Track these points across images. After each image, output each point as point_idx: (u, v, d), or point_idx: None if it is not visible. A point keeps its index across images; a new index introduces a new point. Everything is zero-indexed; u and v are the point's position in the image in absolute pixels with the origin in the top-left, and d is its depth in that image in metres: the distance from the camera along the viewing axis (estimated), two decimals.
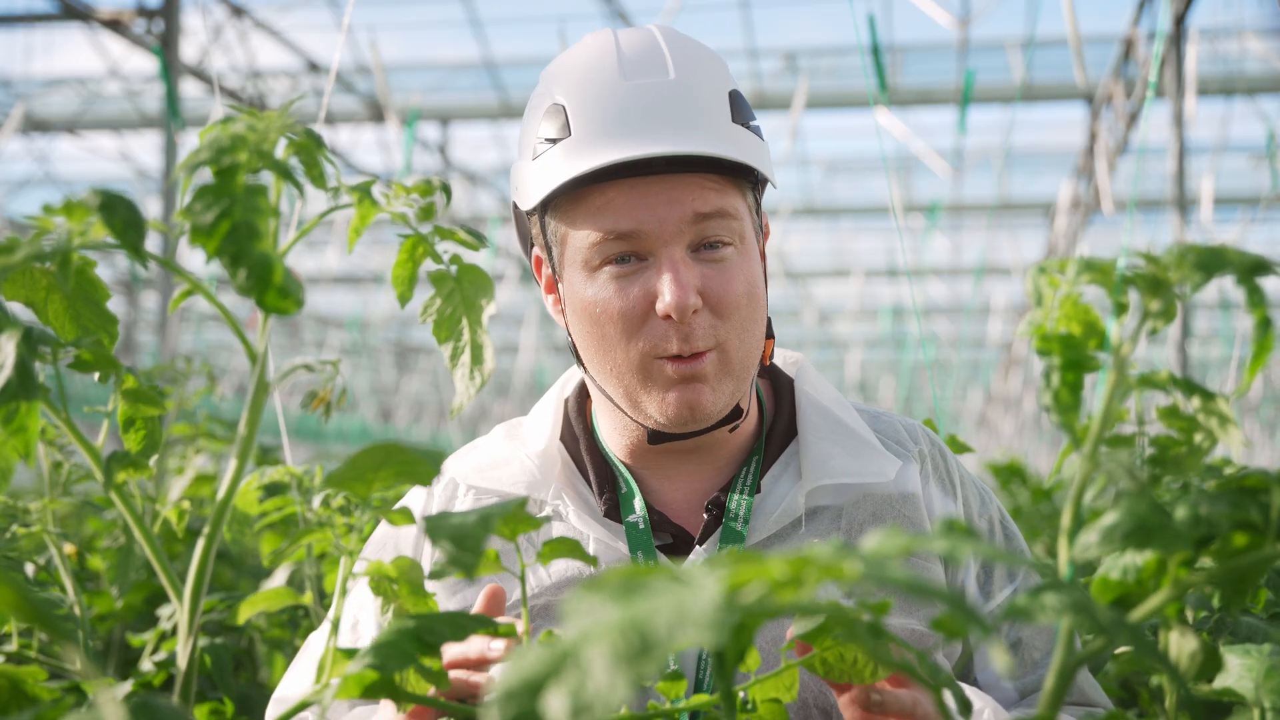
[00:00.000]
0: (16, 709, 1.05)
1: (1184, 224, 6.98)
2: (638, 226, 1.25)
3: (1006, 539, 1.42)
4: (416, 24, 13.48)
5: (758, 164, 1.29)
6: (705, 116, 1.27)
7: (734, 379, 1.30)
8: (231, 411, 8.45)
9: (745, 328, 1.29)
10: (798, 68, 11.57)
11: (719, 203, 1.27)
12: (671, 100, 1.26)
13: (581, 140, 1.26)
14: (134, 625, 2.36)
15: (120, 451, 0.91)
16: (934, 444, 1.43)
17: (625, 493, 1.36)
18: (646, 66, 1.28)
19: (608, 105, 1.26)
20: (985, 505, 1.43)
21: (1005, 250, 16.45)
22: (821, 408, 1.39)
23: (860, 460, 1.34)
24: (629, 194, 1.25)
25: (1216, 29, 9.10)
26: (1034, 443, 20.34)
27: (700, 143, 1.25)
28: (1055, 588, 0.63)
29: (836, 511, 1.33)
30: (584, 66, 1.30)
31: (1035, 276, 0.77)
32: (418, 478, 0.86)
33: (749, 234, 1.32)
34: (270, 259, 0.75)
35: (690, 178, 1.26)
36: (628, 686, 0.46)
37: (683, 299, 1.23)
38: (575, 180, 1.26)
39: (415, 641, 0.82)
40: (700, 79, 1.29)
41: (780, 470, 1.37)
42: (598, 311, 1.28)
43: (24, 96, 11.58)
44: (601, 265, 1.28)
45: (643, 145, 1.23)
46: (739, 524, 1.32)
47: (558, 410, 1.43)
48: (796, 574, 0.54)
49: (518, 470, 1.36)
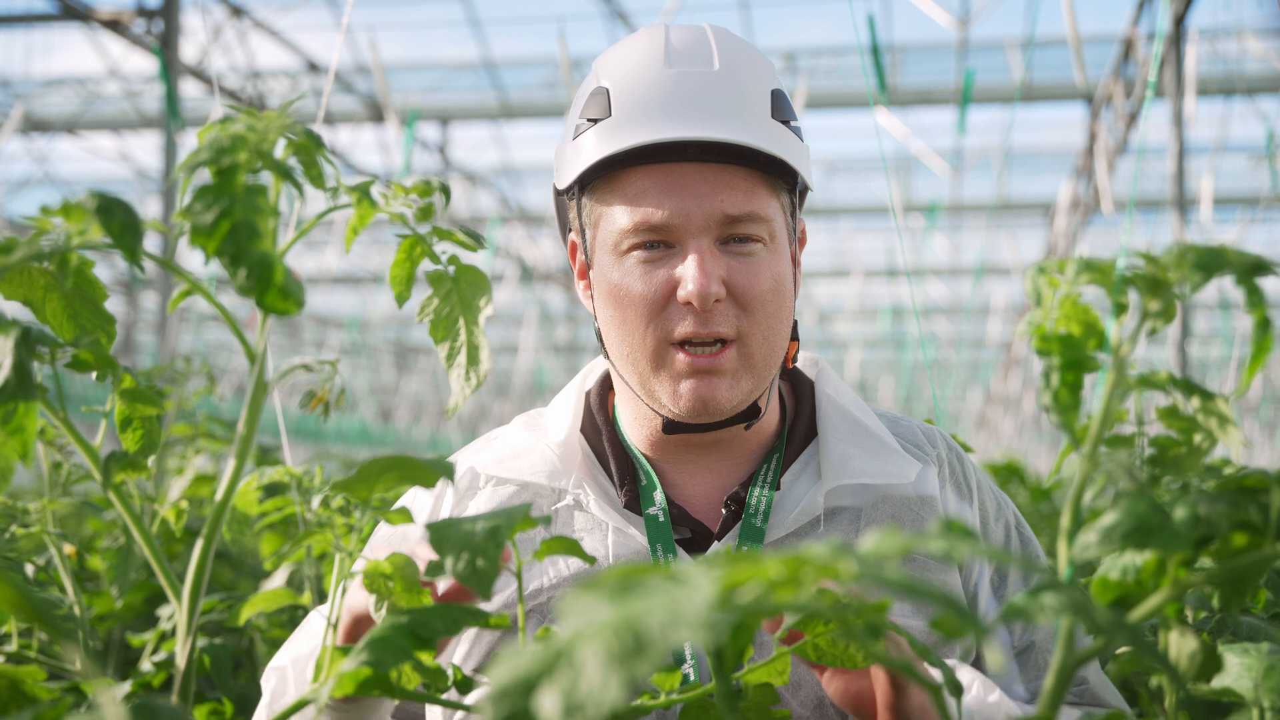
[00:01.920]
0: (16, 709, 1.05)
1: (1183, 224, 6.98)
2: (668, 219, 1.26)
3: (1022, 543, 1.42)
4: (416, 24, 13.51)
5: (794, 161, 1.29)
6: (745, 108, 1.27)
7: (754, 375, 1.30)
8: (231, 411, 8.46)
9: (769, 324, 1.29)
10: (797, 68, 11.58)
11: (749, 206, 1.27)
12: (712, 89, 1.27)
13: (620, 121, 1.27)
14: (134, 625, 2.36)
15: (119, 452, 0.90)
16: (952, 449, 1.43)
17: (645, 485, 1.35)
18: (691, 57, 1.30)
19: (649, 89, 1.27)
20: (1001, 510, 1.43)
21: (1005, 250, 16.45)
22: (842, 409, 1.40)
23: (880, 462, 1.34)
24: (663, 183, 1.26)
25: (1216, 29, 9.11)
26: (1033, 443, 20.35)
27: (736, 132, 1.25)
28: (1054, 588, 0.63)
29: (855, 512, 1.34)
30: (631, 54, 1.32)
31: (1035, 276, 0.76)
32: (421, 481, 0.86)
33: (781, 234, 1.32)
34: (271, 259, 0.75)
35: (724, 172, 1.27)
36: (621, 686, 0.46)
37: (705, 286, 1.24)
38: (609, 159, 1.27)
39: (409, 636, 0.82)
40: (744, 74, 1.30)
41: (800, 469, 1.37)
42: (621, 294, 1.29)
43: (24, 96, 11.59)
44: (630, 250, 1.29)
45: (678, 128, 1.24)
46: (759, 520, 1.32)
47: (579, 401, 1.44)
48: (793, 573, 0.54)
49: (538, 460, 1.36)
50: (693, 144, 1.25)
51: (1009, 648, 1.34)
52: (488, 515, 0.82)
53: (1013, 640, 1.35)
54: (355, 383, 21.50)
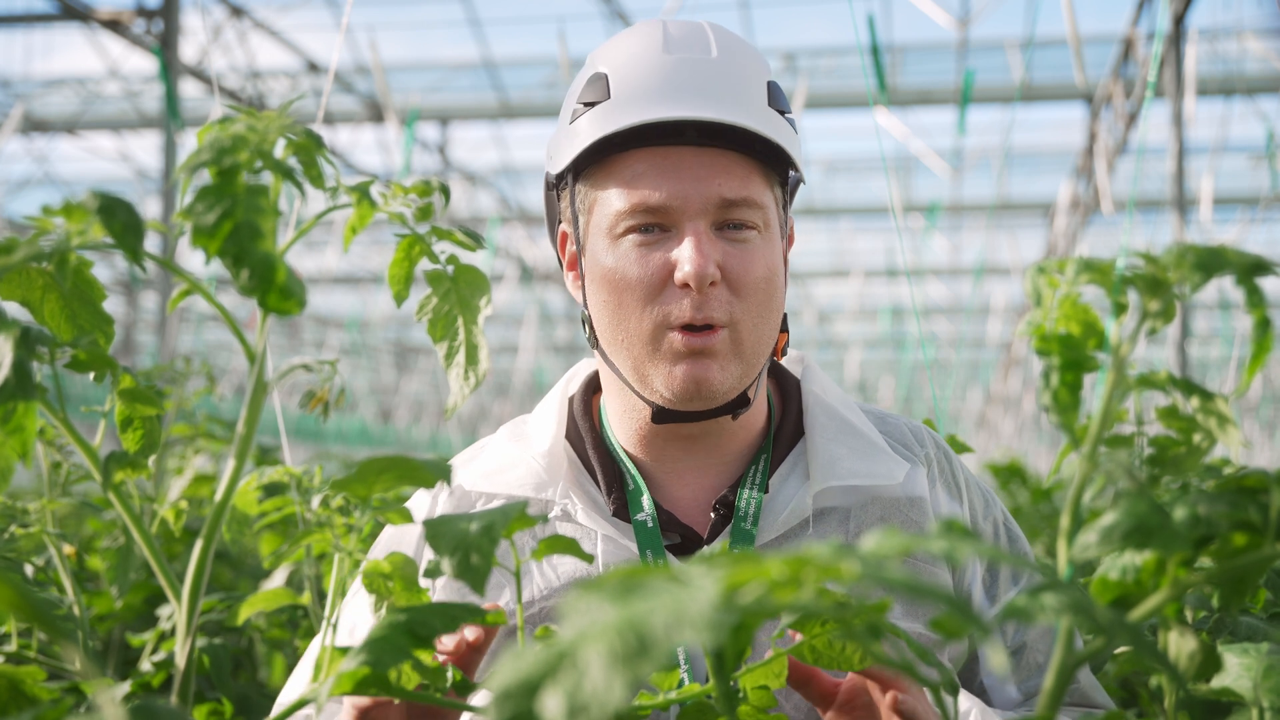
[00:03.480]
0: (16, 709, 1.05)
1: (1183, 224, 6.98)
2: (665, 200, 1.26)
3: (1010, 541, 1.42)
4: (416, 24, 13.50)
5: (789, 148, 1.30)
6: (743, 93, 1.29)
7: (743, 361, 1.30)
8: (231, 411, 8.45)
9: (760, 312, 1.29)
10: (797, 68, 11.58)
11: (745, 191, 1.28)
12: (711, 74, 1.28)
13: (618, 102, 1.28)
14: (133, 625, 2.36)
15: (118, 451, 0.90)
16: (939, 447, 1.43)
17: (633, 490, 1.35)
18: (690, 44, 1.31)
19: (648, 73, 1.29)
20: (989, 508, 1.43)
21: (1005, 250, 16.45)
22: (829, 408, 1.39)
23: (869, 462, 1.34)
24: (660, 165, 1.27)
25: (1216, 29, 9.11)
26: (1033, 443, 20.35)
27: (734, 114, 1.26)
28: (1054, 588, 0.63)
29: (844, 513, 1.33)
30: (630, 43, 1.33)
31: (1034, 276, 0.77)
32: (419, 482, 0.86)
33: (773, 224, 1.33)
34: (273, 259, 0.75)
35: (721, 156, 1.28)
36: (625, 687, 0.46)
37: (702, 267, 1.24)
38: (606, 140, 1.28)
39: (408, 635, 0.82)
40: (741, 63, 1.31)
41: (788, 470, 1.36)
42: (616, 278, 1.29)
43: (24, 96, 11.58)
44: (625, 234, 1.29)
45: (677, 109, 1.25)
46: (748, 523, 1.31)
47: (562, 408, 1.43)
48: (795, 574, 0.54)
49: (524, 473, 1.36)
50: (690, 126, 1.26)
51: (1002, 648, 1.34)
52: (483, 513, 0.82)
53: (1005, 640, 1.35)
54: (355, 383, 21.49)
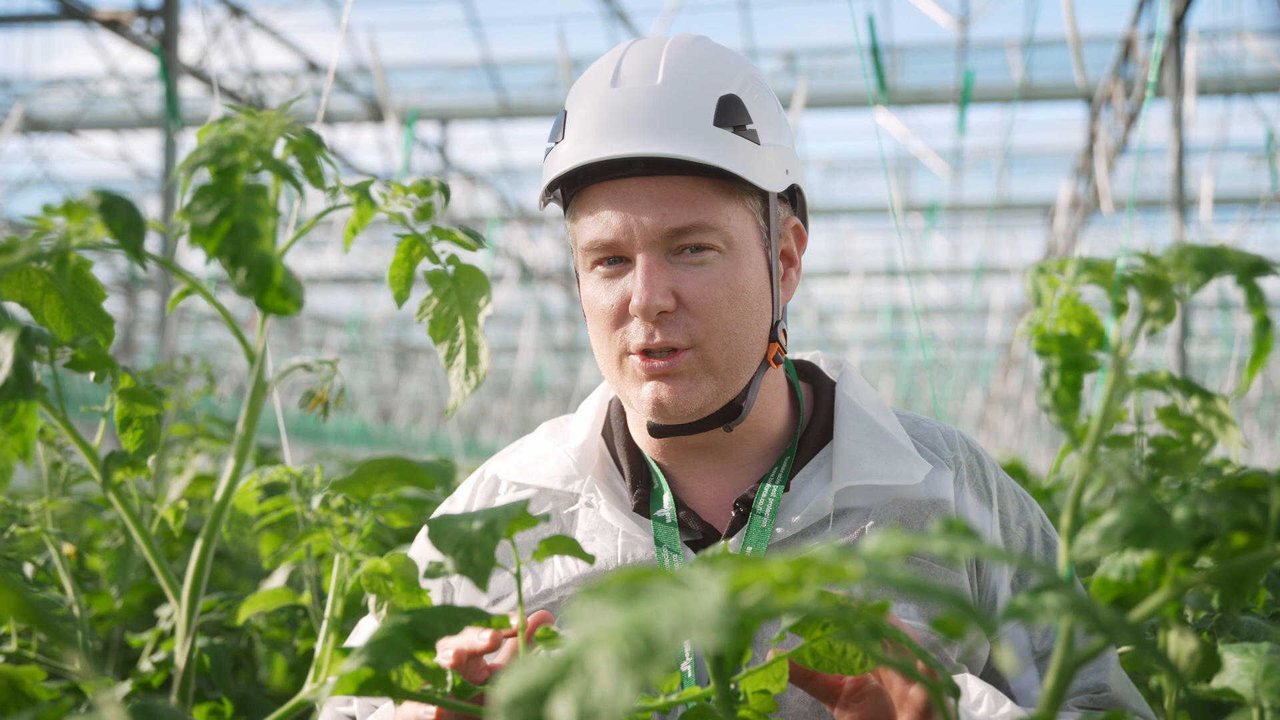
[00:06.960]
0: (16, 709, 1.05)
1: (1183, 224, 6.98)
2: (616, 235, 1.30)
3: (1046, 547, 1.41)
4: (416, 24, 13.51)
5: (737, 168, 1.28)
6: (682, 120, 1.28)
7: (717, 378, 1.32)
8: (230, 411, 8.45)
9: (726, 330, 1.30)
10: (797, 68, 11.58)
11: (694, 217, 1.28)
12: (648, 104, 1.29)
13: (569, 143, 1.31)
14: (133, 625, 2.36)
15: (118, 451, 0.90)
16: (972, 451, 1.43)
17: (657, 489, 1.38)
18: (636, 74, 1.31)
19: (593, 110, 1.30)
20: (1024, 513, 1.42)
21: (1004, 250, 16.46)
22: (859, 411, 1.40)
23: (889, 463, 1.35)
24: (613, 199, 1.30)
25: (1216, 29, 9.11)
26: (1033, 443, 20.35)
27: (668, 144, 1.26)
28: (1055, 587, 0.63)
29: (865, 513, 1.34)
30: (589, 76, 1.35)
31: (1035, 276, 0.76)
32: (419, 483, 0.86)
33: (743, 239, 1.32)
34: (271, 259, 0.75)
35: (670, 184, 1.29)
36: (634, 691, 0.46)
37: (648, 299, 1.27)
38: (561, 179, 1.32)
39: (410, 637, 0.82)
40: (688, 85, 1.30)
41: (812, 471, 1.38)
42: (591, 307, 1.35)
43: (24, 96, 11.58)
44: (594, 266, 1.34)
45: (609, 146, 1.27)
46: (765, 520, 1.34)
47: (601, 406, 1.48)
48: (797, 575, 0.54)
49: (555, 465, 1.40)
50: (636, 160, 1.28)
51: (1029, 652, 1.34)
52: (484, 512, 0.82)
53: (1034, 645, 1.35)
54: (355, 383, 21.49)
